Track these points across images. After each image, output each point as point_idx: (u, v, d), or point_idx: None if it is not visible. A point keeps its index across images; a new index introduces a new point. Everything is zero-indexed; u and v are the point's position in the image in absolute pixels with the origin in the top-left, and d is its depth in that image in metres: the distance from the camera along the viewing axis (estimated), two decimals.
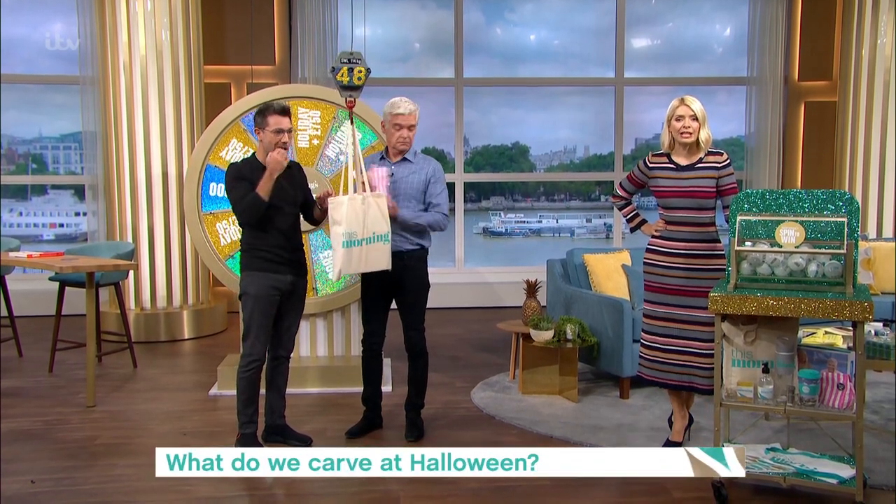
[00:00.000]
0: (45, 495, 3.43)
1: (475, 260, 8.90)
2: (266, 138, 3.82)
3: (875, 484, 3.43)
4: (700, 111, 3.64)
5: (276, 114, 3.81)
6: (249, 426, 3.87)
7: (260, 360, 3.85)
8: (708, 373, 3.69)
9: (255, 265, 3.83)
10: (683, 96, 3.69)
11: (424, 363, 4.19)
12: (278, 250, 3.84)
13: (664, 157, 3.77)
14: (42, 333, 6.52)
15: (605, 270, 5.30)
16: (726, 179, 3.66)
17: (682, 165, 3.70)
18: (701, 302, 3.61)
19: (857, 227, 3.19)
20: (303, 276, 4.01)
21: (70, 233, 8.54)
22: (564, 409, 4.62)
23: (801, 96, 8.51)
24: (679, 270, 3.71)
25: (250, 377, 3.84)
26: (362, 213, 3.86)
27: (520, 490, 3.44)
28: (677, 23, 9.01)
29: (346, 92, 4.24)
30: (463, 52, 8.45)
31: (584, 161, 9.15)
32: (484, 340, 6.58)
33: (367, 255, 3.87)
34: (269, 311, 3.84)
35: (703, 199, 3.66)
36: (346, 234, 3.85)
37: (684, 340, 3.73)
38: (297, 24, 7.86)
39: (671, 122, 3.69)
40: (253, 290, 3.81)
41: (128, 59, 6.62)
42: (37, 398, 4.94)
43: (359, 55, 4.26)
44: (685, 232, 3.71)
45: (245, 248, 3.88)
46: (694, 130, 3.64)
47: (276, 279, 3.84)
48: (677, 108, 3.66)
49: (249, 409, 3.87)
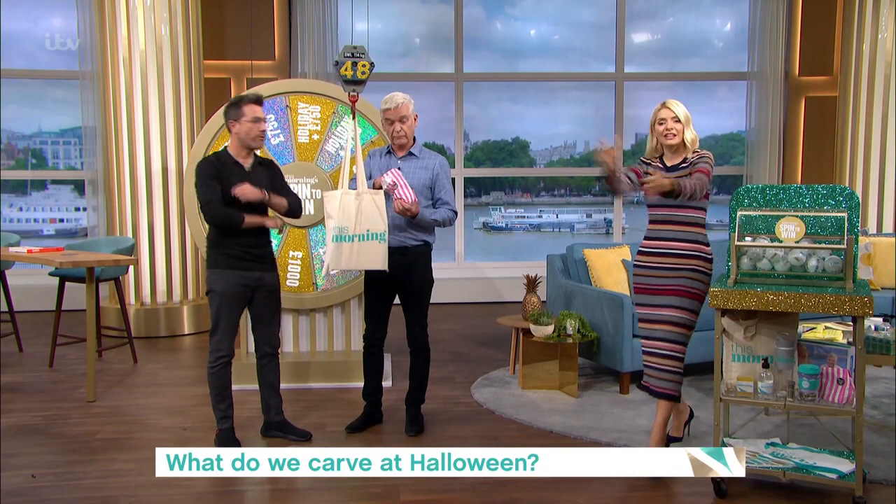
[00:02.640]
0: (46, 490, 3.43)
1: (475, 255, 8.91)
2: (243, 129, 3.79)
3: (875, 479, 3.44)
4: (683, 114, 3.61)
5: (252, 103, 3.80)
6: (224, 422, 3.91)
7: (228, 356, 3.87)
8: (661, 374, 3.61)
9: (221, 262, 3.82)
10: (665, 100, 3.68)
11: (426, 359, 4.19)
12: (245, 247, 3.83)
13: (657, 158, 3.75)
14: (42, 328, 6.53)
15: (605, 265, 5.29)
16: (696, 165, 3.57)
17: (669, 166, 3.68)
18: (673, 301, 3.56)
19: (857, 222, 3.19)
20: (271, 270, 3.98)
21: (70, 228, 8.54)
22: (564, 404, 4.63)
23: (802, 91, 8.50)
24: (660, 270, 3.63)
25: (218, 373, 3.87)
26: (354, 208, 3.84)
27: (520, 484, 3.45)
28: (678, 18, 9.00)
29: (350, 86, 4.21)
30: (463, 47, 8.44)
31: (584, 156, 9.14)
32: (484, 335, 6.58)
33: (359, 253, 3.85)
34: (235, 309, 3.85)
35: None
36: (337, 228, 3.84)
37: (650, 340, 3.66)
38: (297, 19, 7.85)
39: (654, 127, 3.68)
40: (219, 287, 3.81)
41: (127, 54, 6.61)
42: (37, 393, 4.94)
43: (363, 49, 4.24)
44: (669, 231, 3.63)
45: (211, 244, 3.86)
46: (678, 132, 3.60)
47: (242, 276, 3.83)
48: (659, 112, 3.65)
49: (222, 404, 3.90)
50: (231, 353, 3.88)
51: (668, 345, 3.59)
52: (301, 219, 4.99)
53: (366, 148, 4.99)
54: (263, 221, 3.86)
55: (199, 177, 3.78)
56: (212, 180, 3.74)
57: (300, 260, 5.07)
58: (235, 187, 3.69)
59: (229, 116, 3.83)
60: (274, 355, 4.05)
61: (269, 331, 4.00)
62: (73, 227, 8.53)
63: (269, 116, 4.98)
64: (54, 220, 8.54)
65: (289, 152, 5.02)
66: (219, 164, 3.80)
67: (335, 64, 4.24)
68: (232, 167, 3.80)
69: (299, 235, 5.06)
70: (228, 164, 3.81)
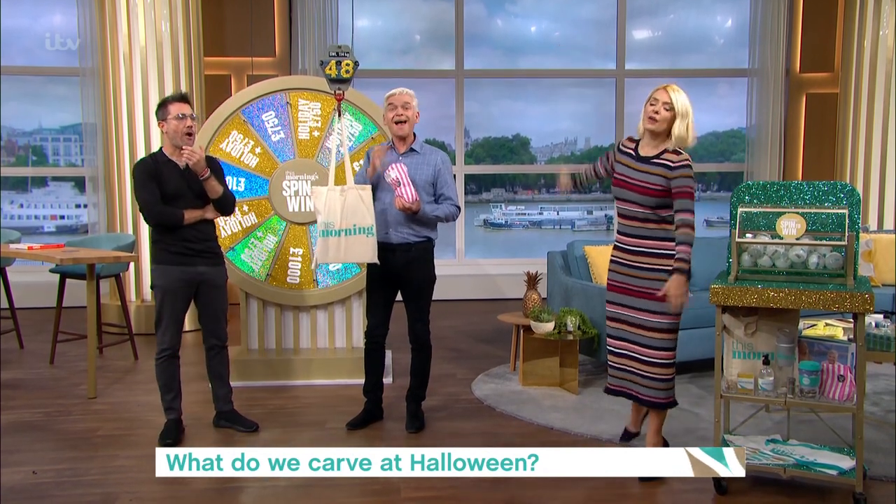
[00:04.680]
0: (47, 486, 3.44)
1: (476, 252, 8.90)
2: (171, 127, 3.84)
3: (875, 475, 3.44)
4: (679, 103, 3.34)
5: (176, 101, 3.87)
6: (170, 412, 4.02)
7: (171, 350, 3.95)
8: (648, 382, 3.51)
9: (163, 258, 3.90)
10: (669, 83, 3.43)
11: (428, 355, 4.20)
12: (186, 242, 3.89)
13: (635, 143, 3.53)
14: (43, 325, 6.54)
15: (606, 262, 5.21)
16: (677, 182, 3.32)
17: (641, 156, 3.45)
18: (645, 304, 3.45)
19: (858, 218, 3.19)
20: (215, 265, 4.03)
21: (70, 224, 8.54)
22: (565, 400, 4.63)
23: (803, 88, 8.50)
24: (626, 267, 3.53)
25: (162, 365, 3.96)
26: (340, 203, 3.92)
27: (520, 481, 3.45)
28: (678, 14, 8.99)
29: (335, 85, 4.33)
30: (464, 43, 8.43)
31: (585, 153, 9.13)
32: (484, 332, 6.58)
33: (347, 247, 3.94)
34: (178, 303, 3.92)
35: (648, 196, 3.38)
36: (324, 223, 3.95)
37: (628, 343, 3.55)
38: (298, 16, 7.84)
39: (646, 105, 3.43)
40: (162, 282, 3.90)
41: (128, 51, 6.61)
42: (38, 390, 4.95)
43: (347, 48, 4.31)
44: (633, 227, 3.48)
45: (154, 240, 3.94)
46: (662, 119, 3.35)
47: (184, 271, 3.90)
48: (655, 92, 3.41)
49: (168, 395, 4.00)
50: (174, 347, 3.96)
51: (661, 353, 3.47)
52: (302, 215, 5.01)
53: (366, 144, 5.01)
54: (204, 214, 3.94)
55: (135, 178, 3.85)
56: (149, 181, 3.81)
57: (301, 257, 5.07)
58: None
59: (158, 117, 3.91)
60: (222, 347, 4.14)
61: (214, 324, 4.09)
62: (73, 223, 8.52)
63: (269, 113, 5.00)
64: (55, 217, 8.54)
65: (289, 149, 5.02)
66: (154, 164, 3.86)
67: (320, 63, 4.32)
68: (166, 167, 3.86)
69: (300, 232, 5.06)
70: (163, 164, 3.87)
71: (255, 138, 4.99)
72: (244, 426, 4.12)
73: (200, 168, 3.82)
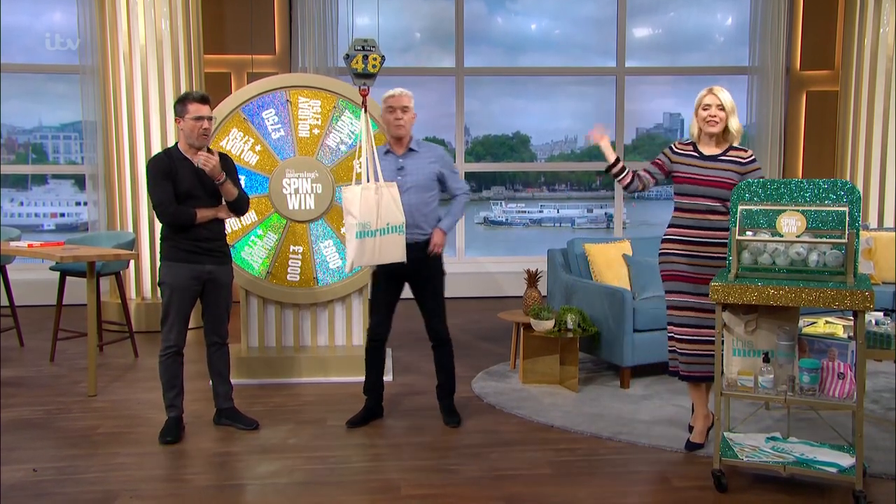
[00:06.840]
0: (48, 484, 3.44)
1: (476, 250, 8.90)
2: (187, 126, 3.85)
3: (875, 473, 3.44)
4: (728, 101, 3.66)
5: (196, 102, 3.86)
6: (172, 410, 4.01)
7: (176, 347, 3.96)
8: (703, 359, 3.70)
9: (173, 255, 3.91)
10: (712, 86, 3.71)
11: (450, 349, 4.24)
12: (197, 241, 3.90)
13: (690, 145, 3.79)
14: (43, 323, 6.53)
15: (606, 260, 5.29)
16: (755, 175, 3.66)
17: (706, 155, 3.73)
18: (703, 289, 3.59)
19: (858, 216, 3.19)
20: (223, 264, 4.05)
21: (71, 222, 8.54)
22: (565, 398, 4.63)
23: (803, 86, 8.49)
24: (692, 258, 3.71)
25: (166, 363, 3.97)
26: (375, 203, 3.86)
27: (520, 479, 3.45)
28: (679, 12, 8.98)
29: (361, 80, 4.24)
30: (464, 41, 8.42)
31: (585, 151, 9.13)
32: (485, 330, 6.58)
33: (381, 247, 3.89)
34: (185, 301, 3.94)
35: (723, 189, 3.63)
36: (360, 224, 3.85)
37: (702, 329, 3.71)
38: (298, 14, 7.83)
39: (698, 111, 3.71)
40: (170, 279, 3.91)
41: (128, 49, 6.60)
42: (38, 387, 4.95)
43: (373, 42, 4.25)
44: (700, 220, 3.69)
45: (164, 237, 3.94)
46: (721, 119, 3.66)
47: (193, 269, 3.91)
48: (704, 97, 3.69)
49: (170, 393, 4.01)
50: (179, 345, 3.97)
51: (707, 330, 3.65)
52: (302, 214, 5.01)
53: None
54: (217, 213, 3.95)
55: (149, 176, 3.85)
56: (163, 179, 3.82)
57: (300, 255, 5.07)
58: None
59: (176, 112, 3.91)
60: (222, 344, 4.15)
61: (217, 322, 4.10)
62: (73, 221, 8.52)
63: (269, 111, 4.99)
64: (55, 215, 8.54)
65: (289, 147, 5.02)
66: (169, 160, 3.86)
67: (345, 57, 4.23)
68: (182, 163, 3.86)
69: (300, 230, 5.06)
70: (178, 160, 3.87)
71: (256, 136, 4.99)
72: (244, 424, 4.12)
73: (216, 174, 3.83)
